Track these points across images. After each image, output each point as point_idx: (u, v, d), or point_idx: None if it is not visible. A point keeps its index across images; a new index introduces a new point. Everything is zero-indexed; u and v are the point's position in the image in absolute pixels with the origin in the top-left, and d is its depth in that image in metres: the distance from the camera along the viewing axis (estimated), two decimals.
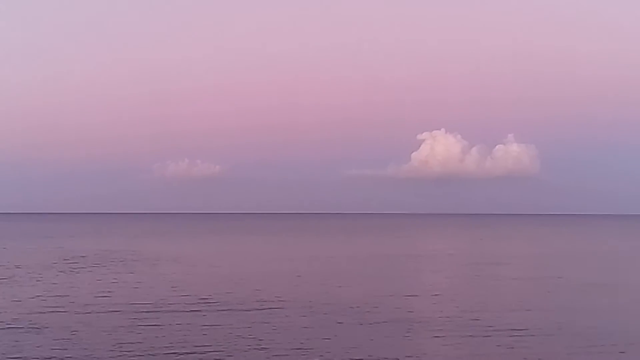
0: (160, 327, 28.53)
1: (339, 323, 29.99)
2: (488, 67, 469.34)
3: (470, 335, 27.35)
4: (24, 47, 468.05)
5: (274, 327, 28.70)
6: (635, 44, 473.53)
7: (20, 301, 35.88)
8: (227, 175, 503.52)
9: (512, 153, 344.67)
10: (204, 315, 31.59)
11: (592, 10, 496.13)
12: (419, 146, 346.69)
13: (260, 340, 25.97)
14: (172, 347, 24.63)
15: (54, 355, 23.34)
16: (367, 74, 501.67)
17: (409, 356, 23.66)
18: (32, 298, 37.14)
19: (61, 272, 52.66)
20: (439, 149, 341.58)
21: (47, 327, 28.22)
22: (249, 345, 25.06)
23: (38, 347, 24.66)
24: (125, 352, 23.82)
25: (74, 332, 27.21)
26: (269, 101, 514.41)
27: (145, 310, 32.93)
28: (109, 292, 40.01)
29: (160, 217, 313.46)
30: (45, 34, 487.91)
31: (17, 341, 25.51)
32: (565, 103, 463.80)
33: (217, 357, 23.33)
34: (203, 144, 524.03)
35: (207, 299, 36.83)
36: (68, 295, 38.30)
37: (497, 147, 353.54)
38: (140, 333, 27.16)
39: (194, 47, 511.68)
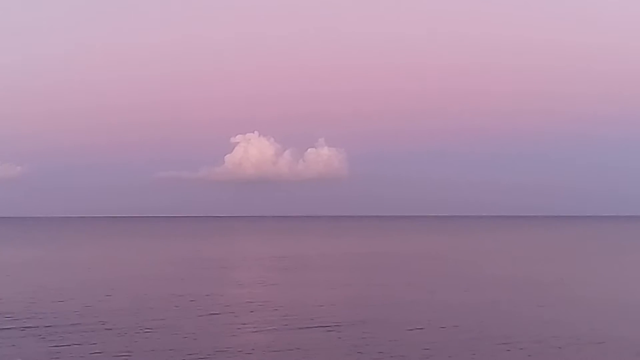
0: None
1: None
2: (306, 64, 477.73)
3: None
4: None
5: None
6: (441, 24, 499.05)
7: None
8: (30, 177, 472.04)
9: (323, 156, 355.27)
10: None
11: None
12: (233, 149, 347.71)
13: None
14: None
15: None
16: (180, 72, 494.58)
17: None
18: None
19: None
20: (253, 152, 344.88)
21: None
22: None
23: None
24: None
25: None
26: (77, 103, 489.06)
27: None
28: None
29: None
30: None
31: None
32: (369, 100, 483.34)
33: None
34: (4, 144, 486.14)
35: None
36: None
37: (308, 150, 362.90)
38: None
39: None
